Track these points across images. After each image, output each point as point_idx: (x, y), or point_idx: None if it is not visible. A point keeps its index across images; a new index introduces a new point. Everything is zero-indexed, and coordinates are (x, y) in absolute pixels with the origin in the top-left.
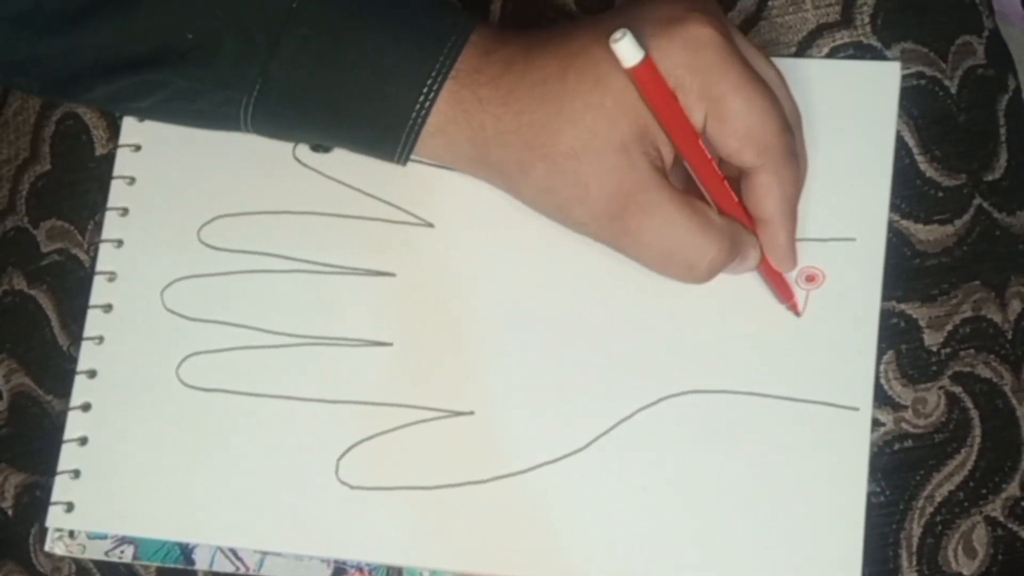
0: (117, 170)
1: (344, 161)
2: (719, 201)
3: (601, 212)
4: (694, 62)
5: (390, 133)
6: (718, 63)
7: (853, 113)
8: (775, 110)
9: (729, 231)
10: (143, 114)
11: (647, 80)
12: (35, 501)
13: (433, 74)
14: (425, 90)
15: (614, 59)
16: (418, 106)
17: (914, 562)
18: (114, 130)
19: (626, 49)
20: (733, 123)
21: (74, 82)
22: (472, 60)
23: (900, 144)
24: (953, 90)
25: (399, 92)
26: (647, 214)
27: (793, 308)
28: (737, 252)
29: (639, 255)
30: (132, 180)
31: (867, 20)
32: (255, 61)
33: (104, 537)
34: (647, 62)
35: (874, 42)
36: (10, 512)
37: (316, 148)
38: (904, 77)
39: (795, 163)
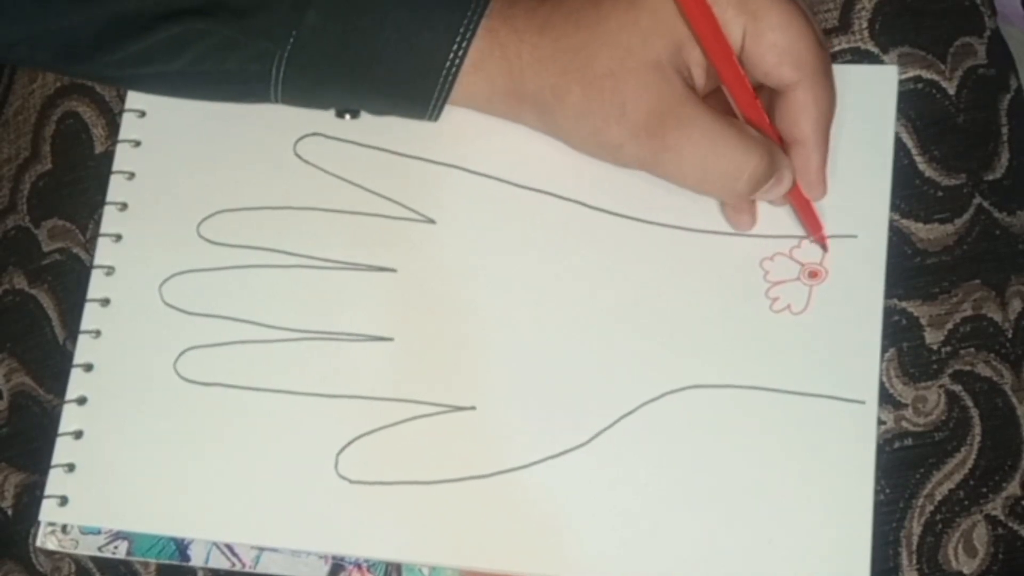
0: (116, 165)
1: (345, 157)
2: (753, 120)
3: (640, 128)
4: None
5: (426, 81)
6: None
7: (852, 116)
8: (811, 26)
9: (767, 144)
10: (168, 84)
11: None
12: (35, 501)
13: (468, 16)
14: (461, 31)
15: None
16: (454, 48)
17: (914, 561)
18: (113, 128)
19: None
20: (771, 37)
21: (101, 44)
22: None
23: (899, 145)
24: (952, 91)
25: (435, 38)
26: (685, 126)
27: (821, 241)
28: (775, 169)
29: (679, 171)
30: (131, 175)
31: (865, 25)
32: (292, 11)
33: (97, 532)
34: None
35: (872, 47)
36: (10, 512)
37: (341, 114)
38: (902, 81)
39: (831, 81)
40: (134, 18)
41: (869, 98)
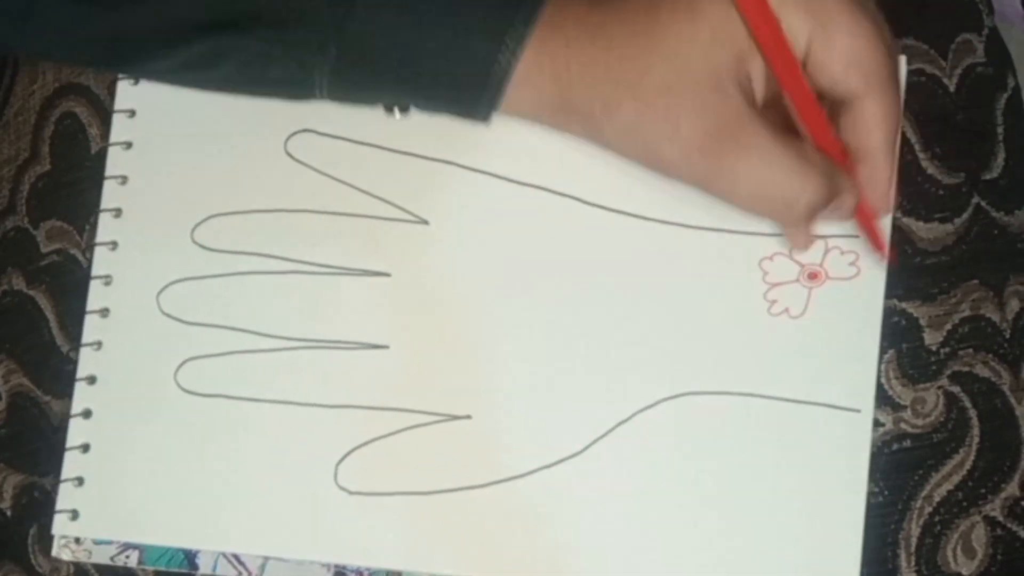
0: (109, 169)
1: (336, 154)
2: (817, 135)
3: (694, 149)
4: None
5: (473, 90)
6: None
7: None
8: (881, 34)
9: (828, 170)
10: (214, 87)
11: (750, 0)
12: (34, 502)
13: (516, 26)
14: (508, 41)
15: None
16: (501, 58)
17: (913, 562)
18: (108, 127)
19: None
20: (840, 44)
21: (140, 52)
22: (557, 2)
23: (902, 141)
24: (952, 88)
25: (481, 47)
26: (744, 150)
27: (882, 254)
28: (835, 194)
29: (733, 194)
30: (124, 179)
31: None
32: (331, 21)
33: (109, 543)
34: None
35: None
36: (9, 513)
37: (390, 110)
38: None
39: (899, 91)
40: (169, 30)
41: None
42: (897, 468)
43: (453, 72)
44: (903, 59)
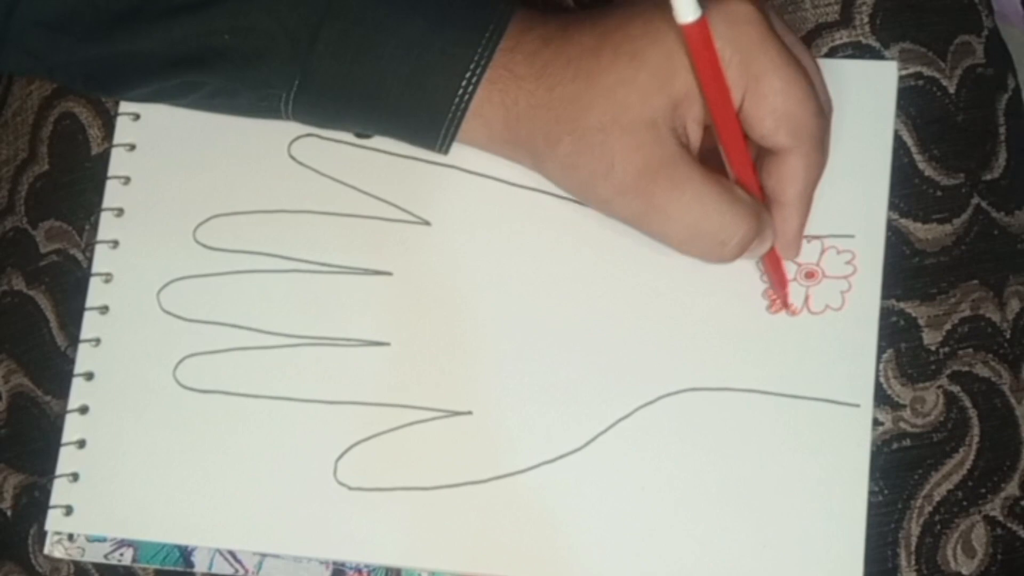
0: (112, 170)
1: (339, 158)
2: (742, 179)
3: (628, 188)
4: (736, 37)
5: (432, 123)
6: (759, 40)
7: (851, 112)
8: (812, 93)
9: (755, 208)
10: (191, 106)
11: (698, 40)
12: (34, 502)
13: (473, 64)
14: (467, 77)
15: (651, 35)
16: (459, 94)
17: (913, 562)
18: (109, 129)
19: (685, 4)
20: (771, 101)
21: (114, 82)
22: (510, 40)
23: (899, 143)
24: (952, 90)
25: (439, 83)
26: (676, 188)
27: (784, 301)
28: (761, 231)
29: (666, 232)
30: (127, 180)
31: (866, 20)
32: (294, 58)
33: (103, 540)
34: (702, 21)
35: (873, 42)
36: (9, 513)
37: (360, 135)
38: (902, 77)
39: (823, 150)
40: (141, 64)
41: (868, 94)
42: (897, 467)
43: (413, 109)
44: (894, 65)
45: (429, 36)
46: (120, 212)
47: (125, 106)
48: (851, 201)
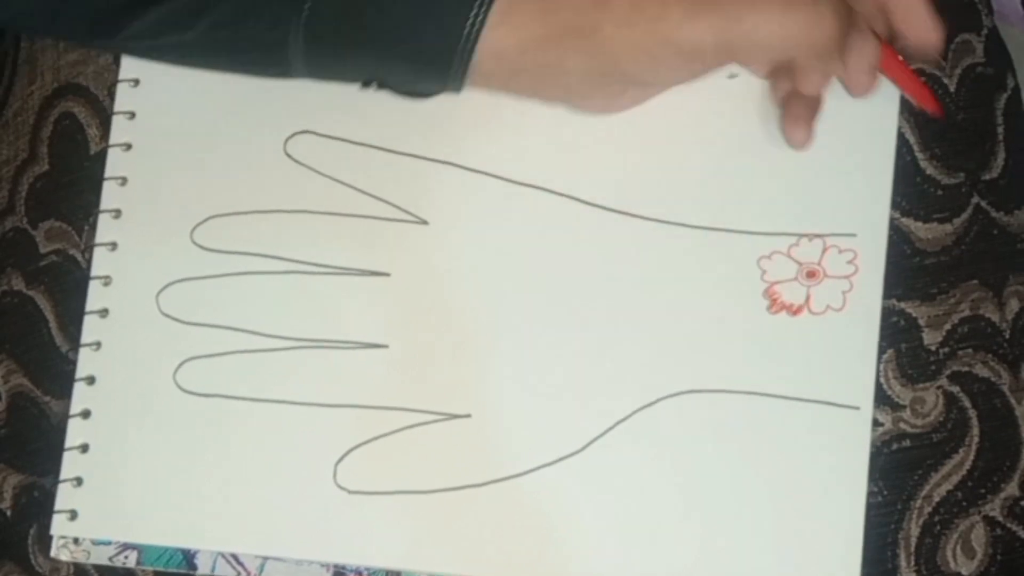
0: (108, 171)
1: (335, 154)
2: None
3: (701, 6)
4: None
5: (447, 41)
6: None
7: (855, 110)
8: None
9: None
10: (187, 54)
11: None
12: (34, 502)
13: None
14: None
15: None
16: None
17: (912, 562)
18: (106, 128)
19: None
20: None
21: (121, 11)
22: None
23: (901, 141)
24: (952, 88)
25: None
26: None
27: (933, 110)
28: (853, 25)
29: (756, 25)
30: (124, 181)
31: None
32: None
33: (108, 543)
34: None
35: None
36: (9, 513)
37: (366, 85)
38: None
39: None
40: None
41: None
42: (896, 468)
43: (427, 20)
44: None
45: None
46: (118, 214)
47: (120, 105)
48: (853, 199)
